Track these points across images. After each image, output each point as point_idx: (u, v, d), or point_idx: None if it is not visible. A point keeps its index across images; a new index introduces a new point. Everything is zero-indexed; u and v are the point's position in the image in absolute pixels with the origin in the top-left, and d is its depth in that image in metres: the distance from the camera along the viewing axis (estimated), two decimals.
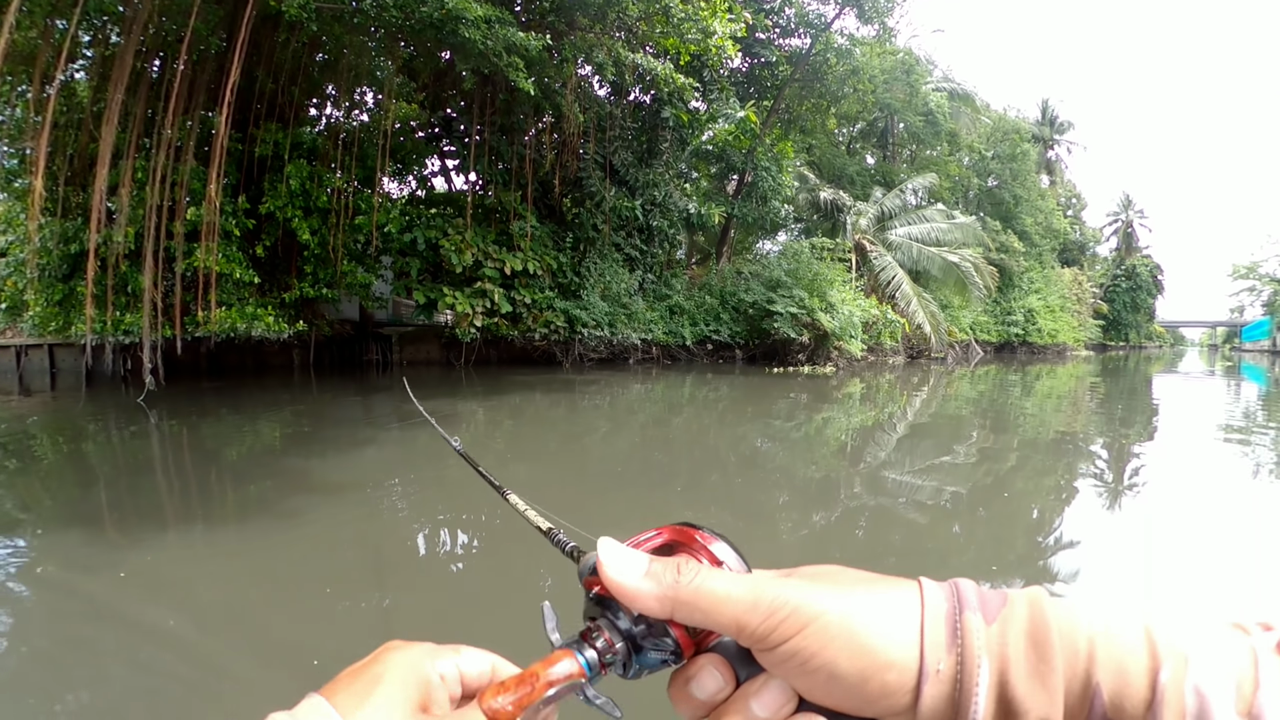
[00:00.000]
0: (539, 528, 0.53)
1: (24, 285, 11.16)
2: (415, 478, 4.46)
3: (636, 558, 0.32)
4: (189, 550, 2.96)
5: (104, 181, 9.41)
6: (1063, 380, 14.97)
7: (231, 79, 9.08)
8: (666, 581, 0.30)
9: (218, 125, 9.52)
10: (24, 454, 5.37)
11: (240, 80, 10.90)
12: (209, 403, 8.67)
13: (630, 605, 0.31)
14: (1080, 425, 7.96)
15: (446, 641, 0.36)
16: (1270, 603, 2.56)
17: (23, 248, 11.00)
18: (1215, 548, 3.23)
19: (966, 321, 22.89)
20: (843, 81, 17.92)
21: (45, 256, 10.51)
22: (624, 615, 0.33)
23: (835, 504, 3.81)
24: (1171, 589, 2.62)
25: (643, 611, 0.32)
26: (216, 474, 4.59)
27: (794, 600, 0.28)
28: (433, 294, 12.45)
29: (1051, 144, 41.74)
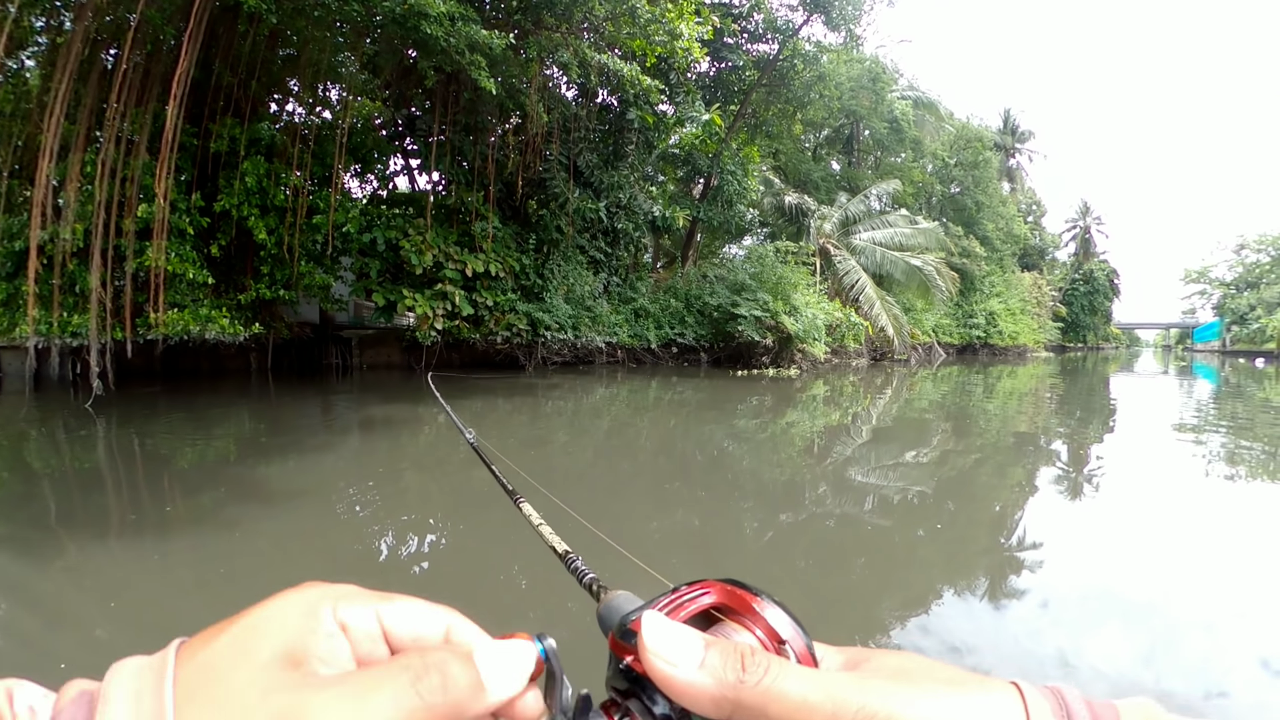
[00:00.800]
0: (554, 548, 0.48)
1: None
2: (374, 486, 4.33)
3: (690, 642, 0.26)
4: (119, 561, 2.83)
5: (50, 175, 8.96)
6: (1023, 380, 15.40)
7: (179, 69, 8.76)
8: (728, 679, 0.25)
9: (169, 118, 9.16)
10: None
11: (197, 73, 10.54)
12: (161, 408, 8.35)
13: (678, 699, 0.26)
14: (1041, 424, 8.17)
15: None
16: (1220, 590, 2.67)
17: None
18: (1172, 540, 3.34)
19: (929, 324, 23.42)
20: (809, 87, 18.15)
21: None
22: (662, 701, 0.27)
23: (801, 505, 3.81)
24: (1132, 583, 2.67)
25: (693, 710, 0.26)
26: (161, 482, 4.42)
27: (882, 714, 0.23)
28: (392, 296, 12.19)
29: (1013, 152, 42.98)
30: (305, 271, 11.95)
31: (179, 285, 10.37)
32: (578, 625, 2.14)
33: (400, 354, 13.95)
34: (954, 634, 2.10)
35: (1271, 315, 44.92)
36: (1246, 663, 1.99)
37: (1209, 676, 1.91)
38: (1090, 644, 2.05)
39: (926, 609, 2.31)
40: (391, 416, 7.59)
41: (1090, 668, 1.87)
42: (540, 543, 0.49)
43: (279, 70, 12.56)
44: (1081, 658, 1.93)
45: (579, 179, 14.05)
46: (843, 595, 2.54)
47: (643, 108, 13.51)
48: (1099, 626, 2.19)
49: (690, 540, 3.22)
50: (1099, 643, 2.06)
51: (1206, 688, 1.85)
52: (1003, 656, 1.95)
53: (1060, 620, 2.28)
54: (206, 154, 11.08)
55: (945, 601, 2.39)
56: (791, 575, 2.75)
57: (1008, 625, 2.21)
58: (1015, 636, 2.12)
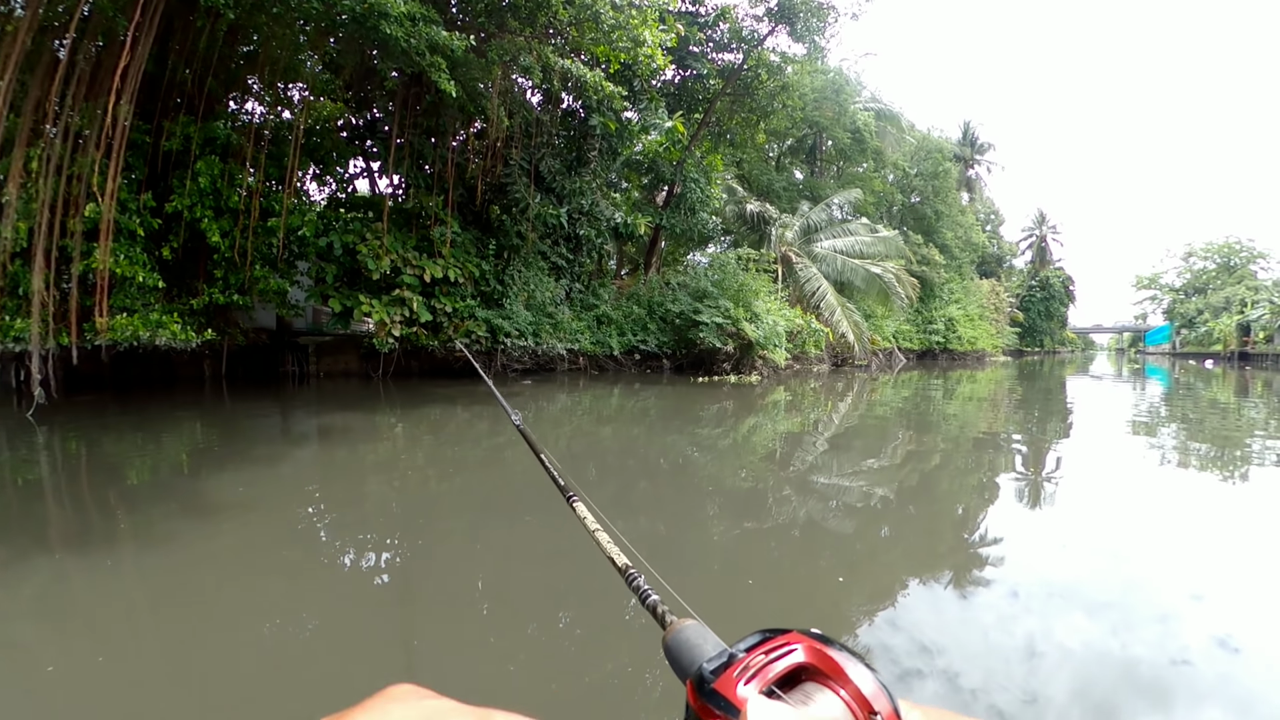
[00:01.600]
0: (612, 561, 0.44)
1: None
2: (329, 499, 4.19)
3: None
4: (48, 578, 2.70)
5: (19, 173, 8.58)
6: (983, 385, 15.86)
7: (123, 61, 8.46)
8: None
9: (119, 114, 8.83)
10: None
11: (151, 67, 10.14)
12: (110, 417, 8.05)
13: None
14: (1000, 425, 8.37)
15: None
16: (1179, 575, 2.80)
17: None
18: (1131, 532, 3.46)
19: (889, 330, 23.98)
20: (773, 97, 18.45)
21: None
22: None
23: (765, 509, 3.81)
24: (1095, 573, 2.76)
25: None
26: (103, 494, 4.24)
27: None
28: (349, 302, 11.95)
29: (972, 163, 44.32)
30: (260, 276, 11.65)
31: (128, 289, 9.97)
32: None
33: (358, 362, 13.68)
34: (922, 629, 2.13)
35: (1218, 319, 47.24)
36: (1206, 640, 2.08)
37: (1171, 650, 2.00)
38: (1057, 626, 2.13)
39: (894, 605, 2.36)
40: (348, 427, 7.46)
41: (1054, 661, 1.91)
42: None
43: (238, 68, 12.23)
44: (1046, 651, 1.97)
45: (541, 184, 14.02)
46: (811, 594, 2.58)
47: (606, 114, 13.56)
48: (1065, 613, 2.26)
49: (656, 543, 3.26)
50: (1065, 625, 2.14)
51: (1170, 656, 1.94)
52: (969, 653, 1.99)
53: (1027, 609, 2.33)
54: (159, 152, 10.71)
55: (912, 598, 2.44)
56: (759, 576, 2.78)
57: (975, 617, 2.26)
58: (984, 629, 2.16)
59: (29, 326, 8.59)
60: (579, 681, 1.97)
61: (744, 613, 2.41)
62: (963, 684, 1.79)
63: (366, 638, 2.25)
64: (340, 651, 2.15)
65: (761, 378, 14.41)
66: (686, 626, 0.37)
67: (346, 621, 2.37)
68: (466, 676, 1.99)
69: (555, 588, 2.70)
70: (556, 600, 2.57)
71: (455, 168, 13.35)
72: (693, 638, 0.36)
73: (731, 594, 2.59)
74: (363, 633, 2.28)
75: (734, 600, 2.53)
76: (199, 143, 10.83)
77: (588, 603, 2.54)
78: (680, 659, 0.35)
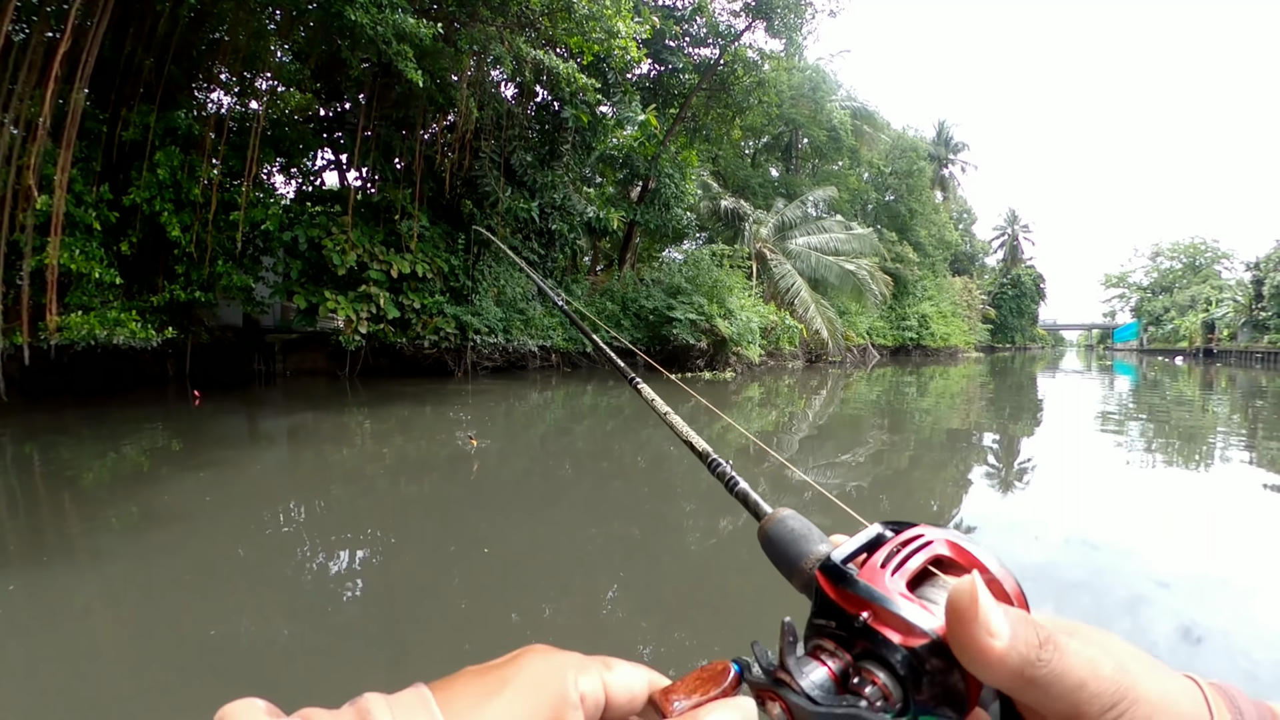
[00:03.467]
0: (692, 446, 0.45)
1: None
2: (286, 507, 4.10)
3: (1009, 615, 0.25)
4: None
5: None
6: (955, 380, 16.10)
7: (64, 46, 8.07)
8: (1029, 656, 0.25)
9: (72, 101, 8.45)
10: None
11: (108, 53, 9.71)
12: (67, 420, 7.72)
13: (979, 672, 0.25)
14: (973, 420, 8.52)
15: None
16: (1147, 559, 2.88)
17: None
18: (1101, 519, 3.53)
19: (863, 327, 24.24)
20: (749, 93, 18.45)
21: None
22: (903, 661, 0.25)
23: (738, 506, 3.89)
24: (1067, 559, 2.83)
25: (990, 683, 0.25)
26: (56, 501, 4.08)
27: (1133, 693, 0.25)
28: (314, 298, 11.59)
29: (946, 162, 44.96)
30: (223, 272, 11.24)
31: (85, 285, 9.52)
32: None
33: (326, 360, 13.36)
34: None
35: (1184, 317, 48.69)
36: (1171, 628, 2.17)
37: (1140, 641, 2.20)
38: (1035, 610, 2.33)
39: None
40: (313, 429, 7.32)
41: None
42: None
43: (201, 55, 11.81)
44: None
45: (512, 178, 13.83)
46: (784, 591, 2.68)
47: (579, 106, 13.41)
48: (1035, 603, 2.45)
49: (619, 537, 3.29)
50: (1036, 616, 2.34)
51: (1138, 644, 2.18)
52: None
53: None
54: (117, 143, 10.25)
55: None
56: (735, 572, 2.80)
57: None
58: None
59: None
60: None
61: (716, 613, 2.46)
62: None
63: (344, 636, 2.24)
64: (310, 650, 2.12)
65: (736, 374, 14.45)
66: (786, 515, 0.35)
67: (326, 621, 2.33)
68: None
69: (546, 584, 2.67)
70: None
71: (425, 160, 13.08)
72: (797, 527, 0.34)
73: (706, 593, 2.63)
74: (341, 632, 2.26)
75: (708, 600, 2.58)
76: (159, 133, 10.40)
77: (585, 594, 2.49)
78: (787, 549, 0.33)
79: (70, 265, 9.10)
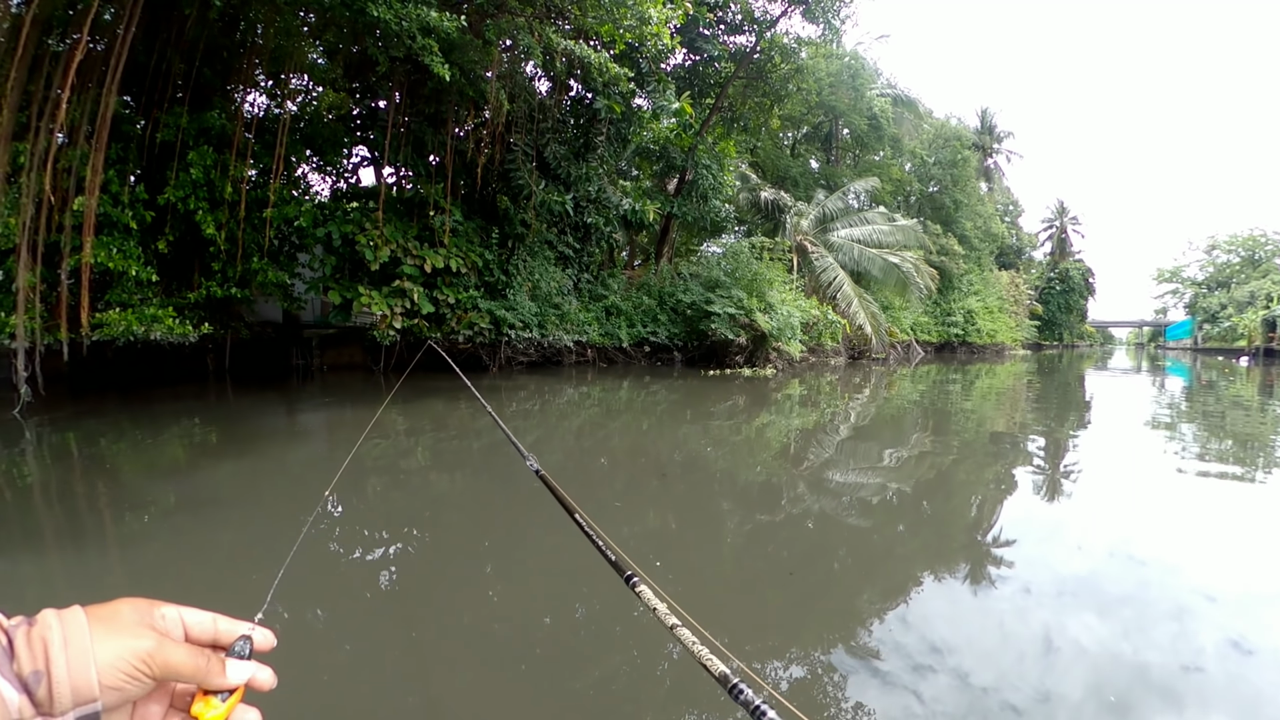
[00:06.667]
0: (707, 668, 0.42)
1: None
2: (331, 498, 4.03)
3: None
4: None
5: (4, 167, 8.39)
6: (1002, 378, 15.30)
7: (116, 52, 8.13)
8: None
9: (107, 105, 8.56)
10: None
11: (143, 58, 9.90)
12: (109, 413, 7.92)
13: None
14: (1019, 421, 8.07)
15: None
16: (1194, 576, 2.70)
17: None
18: (1148, 531, 3.34)
19: (907, 322, 23.28)
20: (787, 81, 17.80)
21: None
22: None
23: (778, 504, 3.79)
24: (1109, 573, 2.70)
25: None
26: (93, 496, 4.07)
27: None
28: (348, 293, 11.57)
29: (990, 152, 43.25)
30: (259, 268, 11.31)
31: (124, 283, 9.68)
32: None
33: (362, 354, 13.35)
34: (932, 625, 2.13)
35: (1242, 314, 45.83)
36: (1218, 643, 2.05)
37: (1184, 654, 1.97)
38: (1069, 626, 2.12)
39: (906, 602, 2.34)
40: (351, 419, 7.33)
41: (1067, 659, 1.91)
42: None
43: (233, 57, 11.89)
44: (1059, 648, 1.97)
45: (546, 172, 13.55)
46: (822, 591, 2.56)
47: (612, 97, 13.04)
48: (1077, 613, 2.24)
49: (666, 537, 3.25)
50: (1077, 626, 2.13)
51: (1182, 662, 1.92)
52: (981, 651, 1.99)
53: (1040, 606, 2.31)
54: (153, 144, 10.40)
55: (925, 595, 2.43)
56: (771, 571, 2.78)
57: (988, 615, 2.25)
58: (995, 623, 2.16)
59: (26, 321, 8.36)
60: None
61: (758, 611, 2.39)
62: (974, 682, 1.79)
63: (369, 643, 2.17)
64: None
65: (776, 371, 13.87)
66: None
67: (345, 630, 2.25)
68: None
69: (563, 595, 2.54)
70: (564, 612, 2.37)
71: (458, 155, 12.91)
72: None
73: (743, 592, 2.58)
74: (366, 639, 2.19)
75: (747, 599, 2.52)
76: (191, 133, 10.48)
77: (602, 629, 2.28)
78: None
79: (108, 264, 9.20)
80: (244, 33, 11.77)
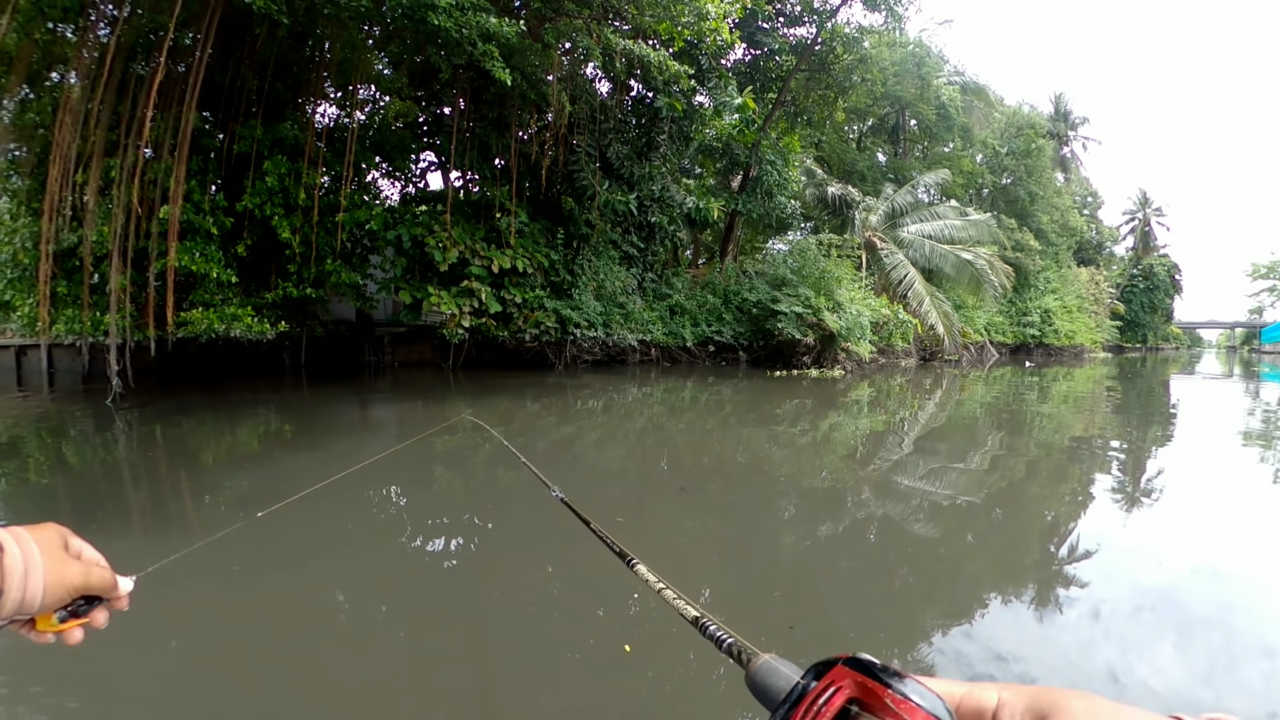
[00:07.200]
0: (683, 615, 0.47)
1: (4, 286, 10.80)
2: (400, 492, 4.10)
3: None
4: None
5: (78, 180, 9.28)
6: (1080, 383, 14.26)
7: (161, 70, 8.66)
8: None
9: (187, 121, 9.18)
10: None
11: (219, 76, 10.50)
12: (193, 404, 8.46)
13: None
14: (1098, 429, 7.51)
15: None
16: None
17: (5, 248, 10.76)
18: (1238, 555, 3.05)
19: (981, 322, 22.06)
20: (850, 72, 17.19)
21: (27, 257, 10.18)
22: None
23: (844, 510, 3.70)
24: (1191, 597, 2.50)
25: None
26: (175, 478, 4.36)
27: None
28: (419, 293, 11.89)
29: (1066, 139, 40.72)
30: (332, 270, 11.75)
31: (206, 285, 10.30)
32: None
33: (432, 352, 13.71)
34: (999, 642, 2.05)
35: None
36: None
37: (1274, 699, 1.82)
38: (1144, 658, 1.98)
39: (971, 616, 2.24)
40: (419, 419, 7.41)
41: (1141, 684, 1.82)
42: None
43: (303, 71, 12.42)
44: (1133, 674, 1.87)
45: (609, 172, 13.51)
46: (886, 599, 2.51)
47: (672, 95, 12.88)
48: (1154, 641, 2.11)
49: (725, 546, 3.19)
50: (1153, 657, 2.00)
51: (1272, 709, 1.78)
52: (1049, 667, 1.92)
53: (1111, 633, 2.16)
54: (231, 155, 10.99)
55: (991, 609, 2.33)
56: (834, 578, 2.73)
57: (1056, 635, 2.13)
58: (1064, 648, 2.05)
59: (118, 321, 9.07)
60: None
61: (820, 622, 2.33)
62: None
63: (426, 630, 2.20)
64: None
65: (845, 372, 13.33)
66: (762, 663, 0.39)
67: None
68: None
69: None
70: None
71: (522, 158, 13.06)
72: (767, 675, 0.38)
73: (806, 604, 2.51)
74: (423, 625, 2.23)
75: (809, 610, 2.46)
76: (266, 144, 11.03)
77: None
78: (763, 695, 0.37)
79: (191, 267, 9.83)
80: (312, 48, 12.31)
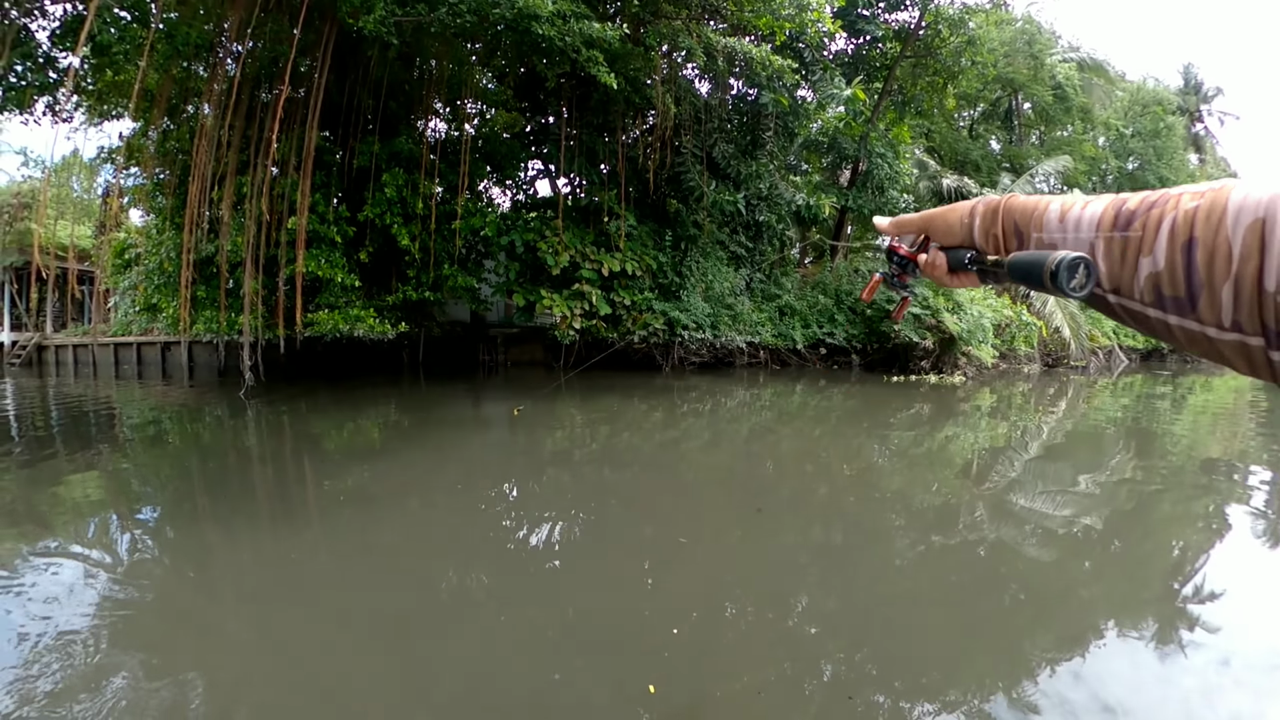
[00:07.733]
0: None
1: (152, 290, 12.15)
2: (510, 482, 4.53)
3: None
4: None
5: (216, 197, 10.43)
6: (1220, 393, 12.64)
7: (284, 95, 9.46)
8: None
9: (309, 140, 10.01)
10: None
11: (337, 97, 11.31)
12: (319, 398, 9.34)
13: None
14: (1238, 449, 6.75)
15: None
16: None
17: (153, 257, 12.11)
18: None
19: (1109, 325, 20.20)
20: (958, 55, 16.12)
21: (171, 265, 11.39)
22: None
23: (954, 529, 3.60)
24: None
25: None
26: (302, 462, 4.96)
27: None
28: (531, 296, 12.31)
29: (1198, 115, 36.58)
30: (449, 274, 12.35)
31: (332, 288, 11.10)
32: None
33: (543, 352, 14.17)
34: (1110, 685, 1.89)
35: None
36: None
37: None
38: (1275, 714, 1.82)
39: (1083, 653, 2.10)
40: (529, 417, 7.80)
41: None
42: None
43: (414, 89, 13.14)
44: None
45: (715, 171, 13.38)
46: (989, 626, 2.42)
47: (777, 90, 12.57)
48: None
49: (831, 557, 3.21)
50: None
51: None
52: (1165, 718, 1.80)
53: (1241, 684, 1.98)
54: (351, 170, 11.83)
55: (1105, 647, 2.16)
56: (938, 599, 2.65)
57: (1176, 680, 1.96)
58: (1183, 696, 1.89)
59: (252, 321, 10.15)
60: None
61: (918, 641, 2.30)
62: None
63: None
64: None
65: (965, 378, 12.54)
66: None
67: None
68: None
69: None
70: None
71: (628, 162, 13.22)
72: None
73: (900, 617, 2.49)
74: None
75: (904, 624, 2.44)
76: (384, 158, 11.80)
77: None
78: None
79: (318, 272, 10.65)
80: (421, 67, 13.04)
